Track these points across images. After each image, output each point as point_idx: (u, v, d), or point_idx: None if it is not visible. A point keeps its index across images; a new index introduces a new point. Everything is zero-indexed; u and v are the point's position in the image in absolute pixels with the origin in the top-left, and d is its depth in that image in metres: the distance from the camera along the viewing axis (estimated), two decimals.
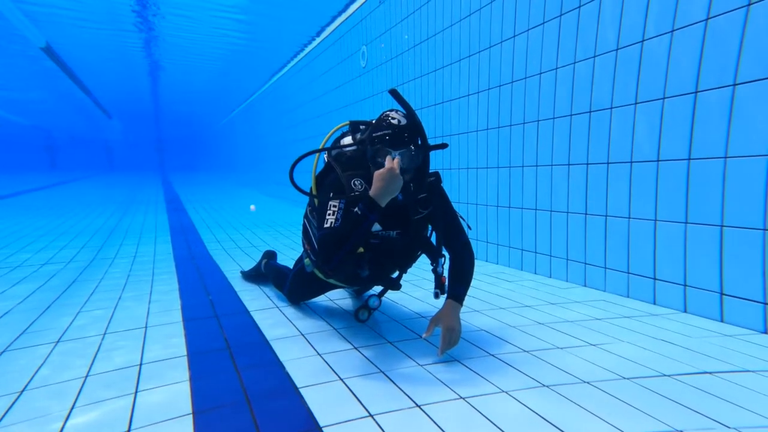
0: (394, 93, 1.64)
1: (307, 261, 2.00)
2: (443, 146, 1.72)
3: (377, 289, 2.31)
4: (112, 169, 28.06)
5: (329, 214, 1.60)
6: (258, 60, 8.98)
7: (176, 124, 24.85)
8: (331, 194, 1.66)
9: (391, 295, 2.43)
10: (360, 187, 1.67)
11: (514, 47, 3.04)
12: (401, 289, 1.94)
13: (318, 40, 6.81)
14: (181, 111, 19.22)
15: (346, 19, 5.70)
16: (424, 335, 1.58)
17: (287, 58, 8.29)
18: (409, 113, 1.65)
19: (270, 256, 2.85)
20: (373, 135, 1.63)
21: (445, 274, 1.75)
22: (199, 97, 14.88)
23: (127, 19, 6.70)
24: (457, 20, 3.58)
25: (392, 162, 1.50)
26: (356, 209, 1.52)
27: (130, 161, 29.47)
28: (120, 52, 8.79)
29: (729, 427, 1.15)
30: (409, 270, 1.97)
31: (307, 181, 1.92)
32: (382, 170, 1.50)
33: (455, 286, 1.71)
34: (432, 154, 3.51)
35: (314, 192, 1.84)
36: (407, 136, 1.62)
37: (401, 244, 1.79)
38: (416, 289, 2.59)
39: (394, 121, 1.63)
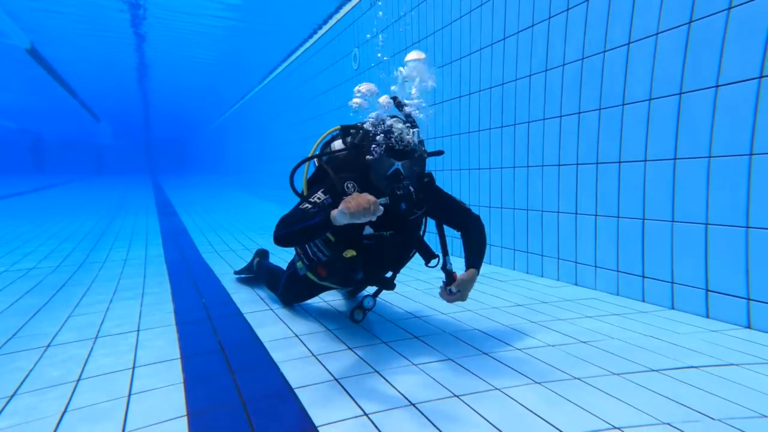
0: (397, 101, 1.65)
1: (299, 264, 2.01)
2: (440, 153, 1.76)
3: (371, 289, 2.32)
4: (102, 172, 27.66)
5: (310, 201, 1.65)
6: (249, 62, 8.95)
7: (167, 126, 24.61)
8: (323, 189, 1.68)
9: (384, 295, 2.44)
10: (353, 190, 1.69)
11: (505, 49, 3.08)
12: (395, 289, 1.96)
13: (309, 42, 6.82)
14: (172, 114, 19.05)
15: (338, 21, 5.71)
16: (442, 294, 1.70)
17: (279, 60, 8.28)
18: (411, 122, 1.65)
19: (262, 255, 2.84)
20: (376, 144, 1.64)
21: (455, 270, 1.78)
22: (190, 100, 14.77)
23: (114, 19, 6.63)
24: (448, 23, 3.62)
25: (375, 202, 1.36)
26: (313, 209, 1.52)
27: (120, 164, 29.07)
28: (107, 53, 8.68)
29: (714, 419, 1.18)
30: (402, 270, 1.98)
31: (301, 185, 1.95)
32: (361, 200, 1.34)
33: (472, 258, 1.78)
34: None
35: (304, 188, 1.88)
36: (410, 146, 1.63)
37: (395, 244, 1.81)
38: (409, 290, 2.61)
39: (397, 131, 1.64)
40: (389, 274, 1.92)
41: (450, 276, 1.75)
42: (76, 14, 6.48)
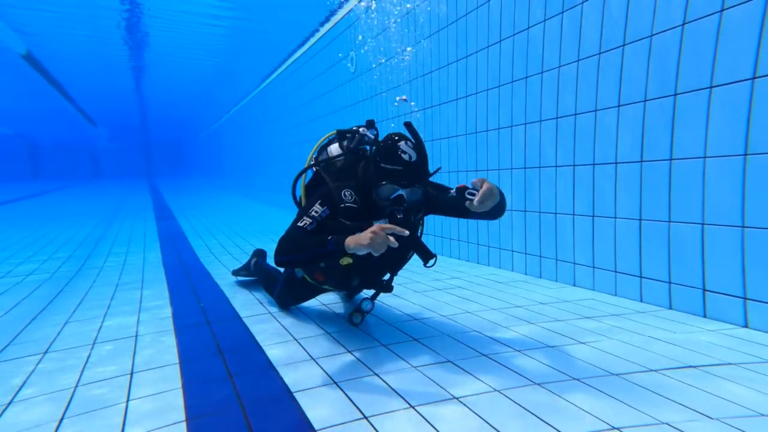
0: (408, 126, 1.66)
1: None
2: (437, 170, 1.79)
3: (369, 291, 2.32)
4: (98, 176, 27.57)
5: (307, 216, 1.63)
6: (246, 66, 8.96)
7: (164, 130, 24.59)
8: (320, 200, 1.67)
9: (383, 298, 2.44)
10: (350, 198, 1.68)
11: (500, 51, 3.10)
12: (392, 292, 1.96)
13: (307, 45, 6.84)
14: (169, 118, 19.05)
15: (335, 24, 5.73)
16: (470, 205, 1.53)
17: (276, 63, 8.30)
18: (419, 148, 1.63)
19: (259, 255, 2.84)
20: (382, 166, 1.62)
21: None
22: (187, 103, 14.77)
23: (110, 22, 6.62)
24: (444, 26, 3.63)
25: (392, 237, 1.38)
26: (329, 237, 1.48)
27: (117, 168, 28.98)
28: (103, 57, 8.67)
29: (712, 418, 1.18)
30: (399, 272, 1.98)
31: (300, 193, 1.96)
32: (377, 234, 1.36)
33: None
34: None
35: (304, 201, 1.90)
36: (416, 173, 1.62)
37: (393, 247, 1.80)
38: (408, 292, 2.61)
39: (405, 156, 1.60)
40: (387, 277, 1.92)
41: (463, 191, 1.58)
42: (72, 18, 6.47)
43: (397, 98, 1.79)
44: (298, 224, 1.62)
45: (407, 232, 1.40)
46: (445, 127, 3.74)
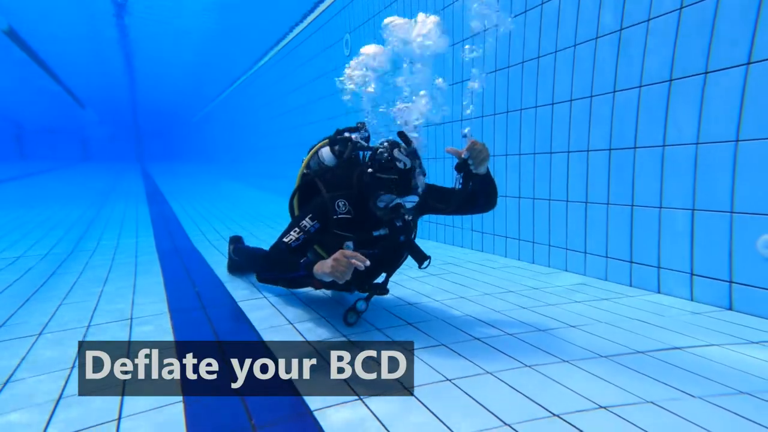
0: (401, 135, 1.64)
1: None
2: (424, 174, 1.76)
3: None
4: (87, 159, 27.03)
5: (295, 231, 1.64)
6: (239, 47, 8.74)
7: (155, 113, 24.05)
8: (311, 214, 1.67)
9: None
10: (344, 209, 1.67)
11: (497, 37, 3.05)
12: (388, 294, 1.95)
13: (300, 27, 6.68)
14: (160, 100, 18.63)
15: (329, 6, 5.59)
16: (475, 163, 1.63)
17: (269, 45, 8.11)
18: (413, 153, 1.62)
19: (236, 240, 2.82)
20: (378, 176, 1.60)
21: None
22: (179, 85, 14.44)
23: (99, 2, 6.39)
24: (441, 8, 3.57)
25: (355, 261, 1.38)
26: (302, 260, 1.52)
27: (107, 151, 28.40)
28: (90, 35, 8.39)
29: (694, 397, 1.23)
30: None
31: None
32: (338, 261, 1.38)
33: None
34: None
35: (296, 208, 1.91)
36: (412, 180, 1.61)
37: (389, 250, 1.80)
38: (402, 277, 2.63)
39: (400, 164, 1.59)
40: (382, 278, 1.92)
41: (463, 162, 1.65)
42: None
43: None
44: (284, 239, 1.64)
45: (368, 262, 1.40)
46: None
